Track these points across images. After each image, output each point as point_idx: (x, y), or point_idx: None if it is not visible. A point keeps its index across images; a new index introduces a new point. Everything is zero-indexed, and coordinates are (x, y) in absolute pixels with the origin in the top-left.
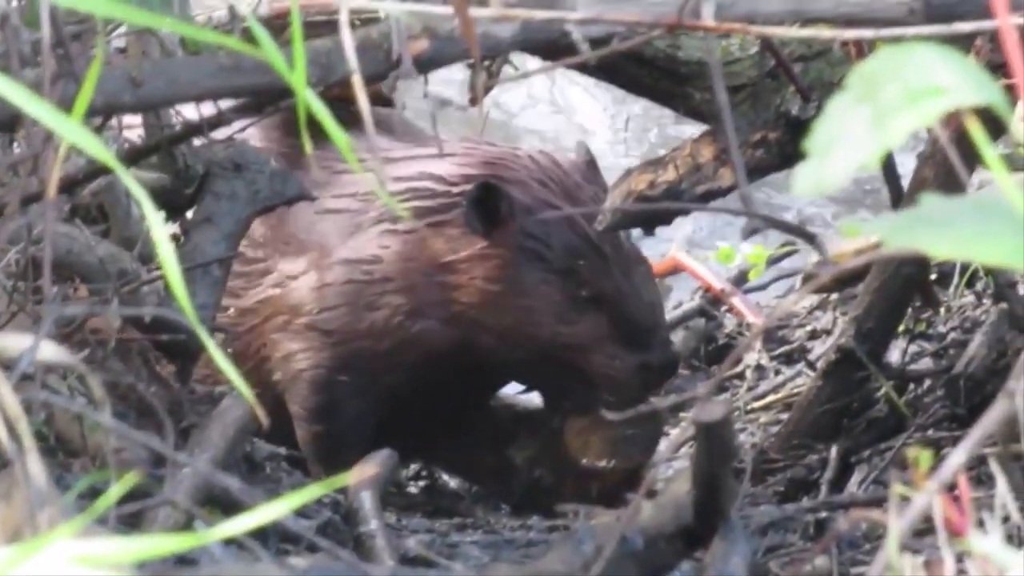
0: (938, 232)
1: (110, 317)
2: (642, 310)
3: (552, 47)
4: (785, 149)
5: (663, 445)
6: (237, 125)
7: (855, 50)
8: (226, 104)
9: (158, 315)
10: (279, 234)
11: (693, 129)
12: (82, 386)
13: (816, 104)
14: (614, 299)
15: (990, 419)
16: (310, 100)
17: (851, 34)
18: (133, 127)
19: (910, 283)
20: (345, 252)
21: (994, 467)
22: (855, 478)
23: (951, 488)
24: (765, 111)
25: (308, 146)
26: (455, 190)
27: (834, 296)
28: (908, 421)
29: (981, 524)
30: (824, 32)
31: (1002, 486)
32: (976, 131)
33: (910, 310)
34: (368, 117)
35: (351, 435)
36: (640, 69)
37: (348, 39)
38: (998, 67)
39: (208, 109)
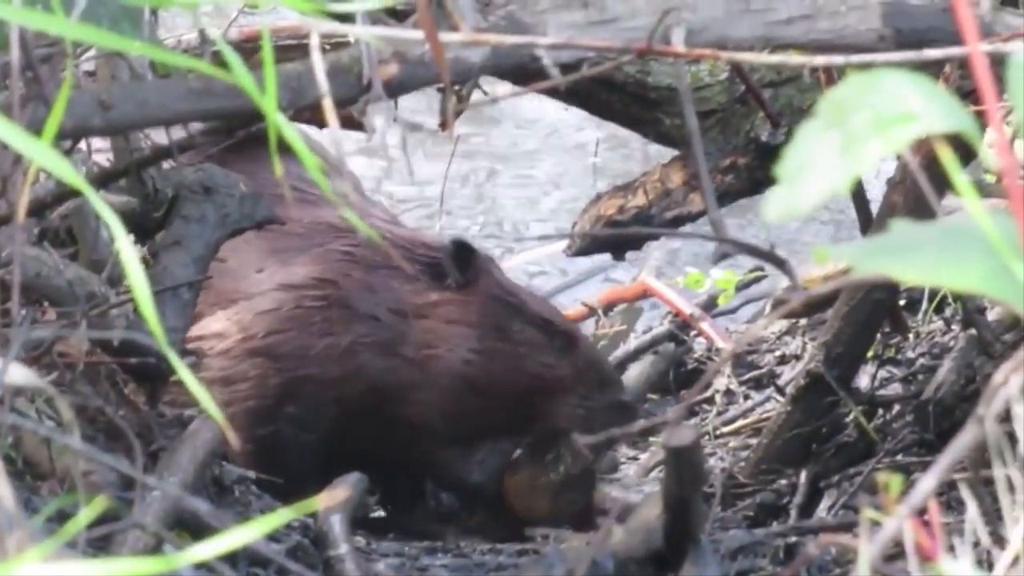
0: (908, 258)
1: (78, 340)
2: (604, 357)
3: (522, 71)
4: (755, 174)
5: (632, 470)
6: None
7: (825, 77)
8: (196, 127)
9: (127, 338)
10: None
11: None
12: (50, 409)
13: (786, 130)
14: (582, 346)
15: (960, 444)
16: (281, 124)
17: (821, 60)
18: (101, 151)
19: (879, 308)
20: (298, 275)
21: (964, 492)
22: (824, 503)
23: (921, 513)
24: (735, 137)
25: (279, 169)
26: (428, 252)
27: (803, 321)
28: (877, 446)
29: (951, 549)
30: (794, 59)
31: (972, 511)
32: (946, 157)
33: (879, 336)
34: (338, 136)
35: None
36: (610, 94)
37: (319, 63)
38: (967, 94)
39: (178, 132)
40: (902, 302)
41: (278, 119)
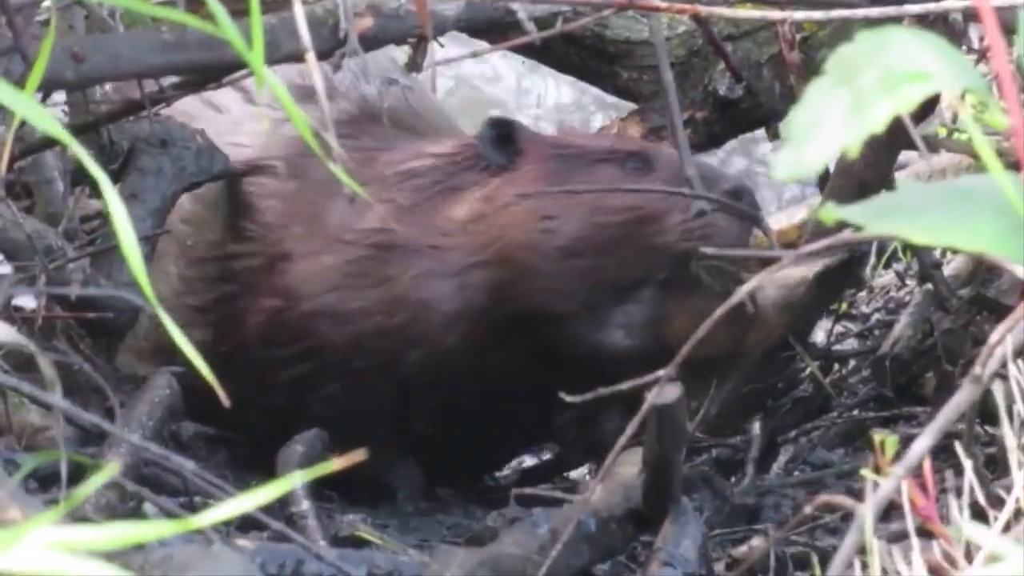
0: (916, 218)
1: (38, 295)
2: (690, 155)
3: (496, 26)
4: (712, 128)
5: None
6: None
7: (783, 30)
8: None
9: (84, 294)
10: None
11: None
12: (7, 364)
13: (744, 84)
14: (659, 156)
15: (955, 404)
16: (267, 77)
17: (801, 15)
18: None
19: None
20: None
21: (960, 451)
22: (782, 458)
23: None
24: (693, 90)
25: (266, 122)
26: (458, 157)
27: None
28: (834, 401)
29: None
30: (773, 13)
31: (969, 470)
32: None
33: None
34: (321, 91)
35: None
36: (568, 48)
37: (301, 15)
38: None
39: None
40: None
41: (264, 72)
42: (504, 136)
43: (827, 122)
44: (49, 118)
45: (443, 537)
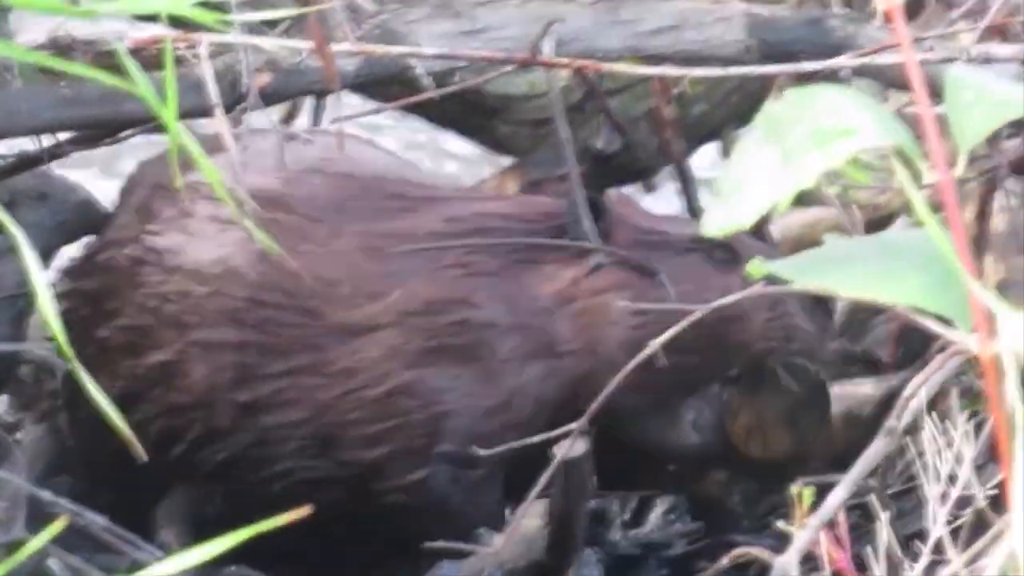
0: (844, 273)
1: None
2: (778, 249)
3: (394, 81)
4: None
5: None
6: None
7: (660, 85)
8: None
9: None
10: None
11: None
12: None
13: (622, 139)
14: (745, 247)
15: (870, 456)
16: (180, 133)
17: (700, 72)
18: None
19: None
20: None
21: (874, 504)
22: (659, 508)
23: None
24: (570, 144)
25: (179, 180)
26: (537, 225)
27: None
28: None
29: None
30: (670, 70)
31: (883, 523)
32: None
33: None
34: (231, 145)
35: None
36: (449, 103)
37: (209, 71)
38: None
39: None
40: None
41: (178, 128)
42: (592, 213)
43: (757, 178)
44: None
45: None
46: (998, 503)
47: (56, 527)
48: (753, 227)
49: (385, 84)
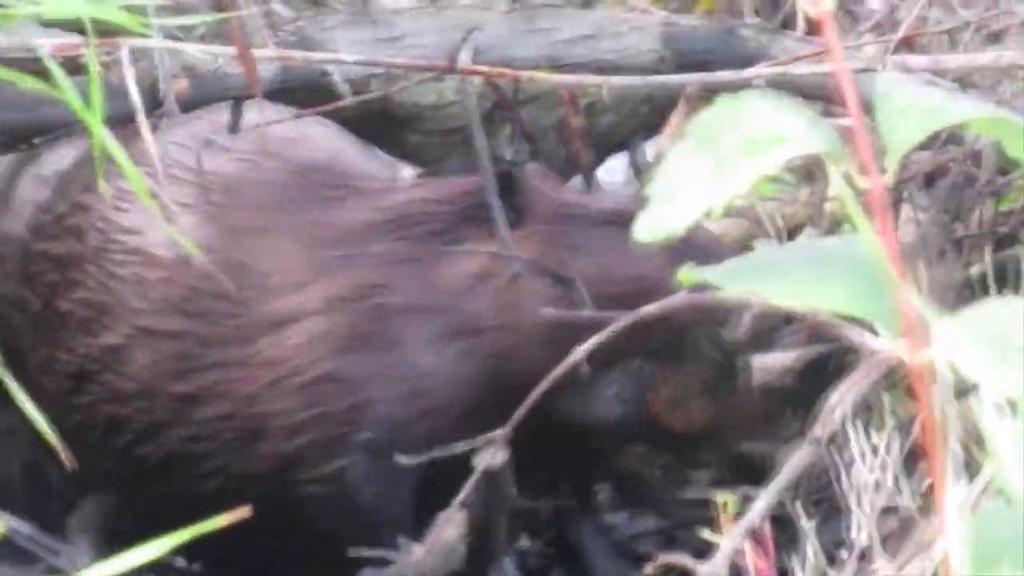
0: (774, 280)
1: None
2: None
3: (311, 87)
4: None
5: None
6: None
7: (569, 95)
8: None
9: None
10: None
11: None
12: None
13: (531, 148)
14: None
15: (794, 465)
16: (104, 137)
17: (618, 81)
18: None
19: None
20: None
21: (797, 513)
22: None
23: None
24: (486, 152)
25: (103, 185)
26: (455, 206)
27: None
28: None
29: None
30: (590, 78)
31: (808, 530)
32: None
33: None
34: (155, 153)
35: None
36: (358, 111)
37: (131, 77)
38: None
39: None
40: None
41: (102, 132)
42: (509, 189)
43: (690, 185)
44: None
45: None
46: (925, 509)
47: None
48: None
49: (303, 90)
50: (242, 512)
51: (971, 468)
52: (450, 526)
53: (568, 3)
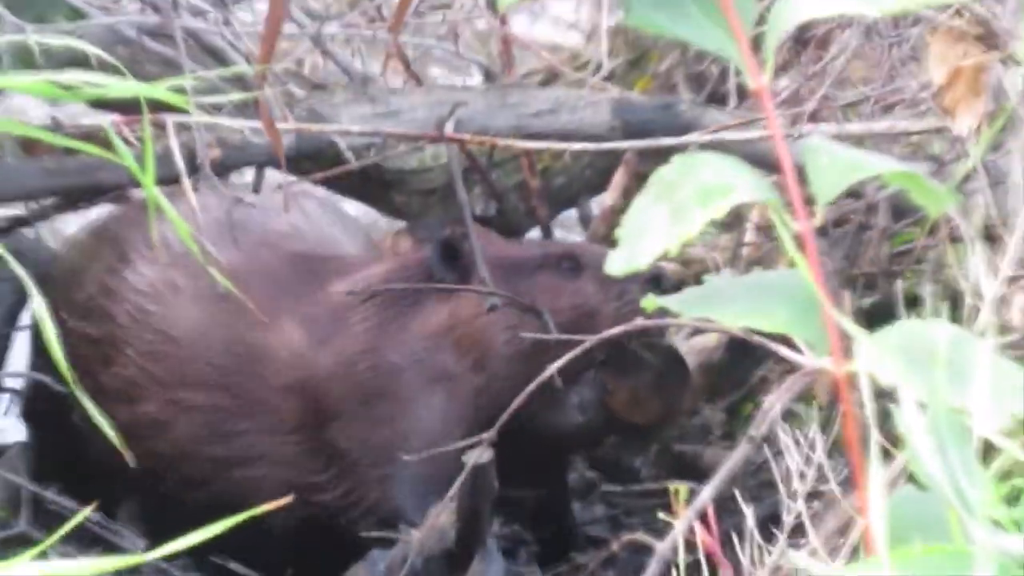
0: (725, 306)
1: None
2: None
3: (320, 155)
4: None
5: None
6: None
7: (527, 162)
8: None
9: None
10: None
11: None
12: None
13: (497, 205)
14: (586, 253)
15: (734, 459)
16: (157, 196)
17: (578, 146)
18: None
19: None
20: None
21: (740, 499)
22: None
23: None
24: (454, 210)
25: (155, 233)
26: (409, 273)
27: None
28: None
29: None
30: (554, 145)
31: (750, 515)
32: None
33: None
34: (195, 206)
35: None
36: (352, 177)
37: (175, 146)
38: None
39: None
40: None
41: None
42: (452, 252)
43: (652, 228)
44: None
45: None
46: (846, 493)
47: (69, 525)
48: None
49: (313, 157)
50: (281, 502)
51: (886, 459)
52: (444, 514)
53: (532, 82)
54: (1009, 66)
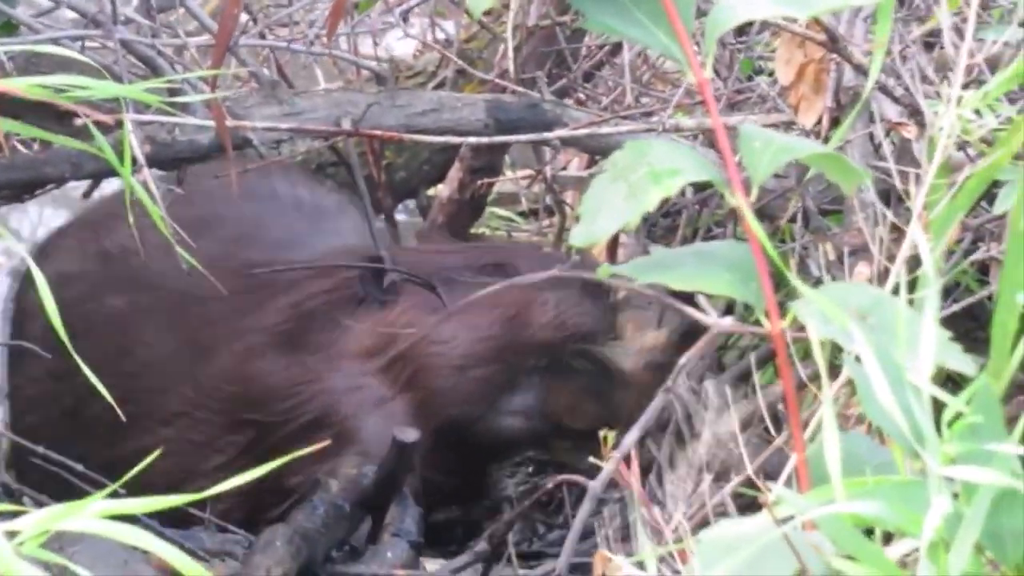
0: (673, 272)
1: None
2: (543, 252)
3: (237, 150)
4: None
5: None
6: None
7: (373, 158)
8: None
9: None
10: None
11: None
12: None
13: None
14: (519, 258)
15: (652, 409)
16: (135, 185)
17: (458, 140)
18: None
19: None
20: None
21: (651, 446)
22: None
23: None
24: (367, 198)
25: (132, 222)
26: (335, 294)
27: None
28: None
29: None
30: (438, 138)
31: (662, 457)
32: None
33: None
34: (161, 198)
35: None
36: None
37: (136, 145)
38: None
39: None
40: None
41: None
42: (378, 274)
43: (610, 206)
44: None
45: None
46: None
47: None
48: None
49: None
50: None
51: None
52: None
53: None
54: (846, 66)
